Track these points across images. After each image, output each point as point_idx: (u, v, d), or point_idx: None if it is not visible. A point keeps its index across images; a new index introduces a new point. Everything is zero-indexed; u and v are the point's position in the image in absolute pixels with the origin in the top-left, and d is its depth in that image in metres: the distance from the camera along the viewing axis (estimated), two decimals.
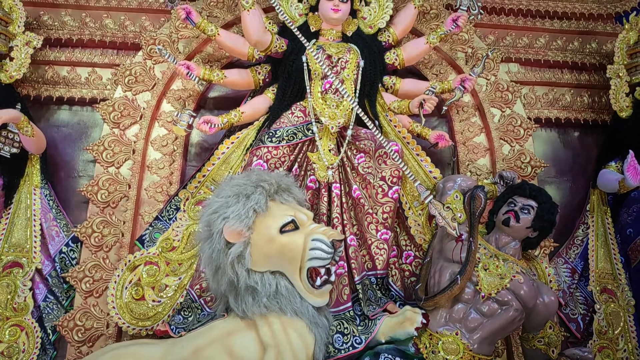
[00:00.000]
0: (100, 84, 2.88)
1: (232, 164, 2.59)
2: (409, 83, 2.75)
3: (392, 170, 2.36)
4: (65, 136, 2.86)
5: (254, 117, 2.65)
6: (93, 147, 2.68)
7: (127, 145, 2.71)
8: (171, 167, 2.73)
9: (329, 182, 2.39)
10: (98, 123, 2.88)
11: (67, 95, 2.84)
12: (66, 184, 2.77)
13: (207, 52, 2.89)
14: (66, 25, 2.96)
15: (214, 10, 2.88)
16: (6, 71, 2.61)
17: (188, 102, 2.82)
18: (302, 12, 2.70)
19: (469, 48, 2.89)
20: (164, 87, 2.81)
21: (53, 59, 2.87)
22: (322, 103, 2.45)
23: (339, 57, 2.51)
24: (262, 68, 2.73)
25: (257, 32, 2.45)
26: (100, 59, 2.92)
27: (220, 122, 2.52)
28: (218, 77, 2.64)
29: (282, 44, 2.57)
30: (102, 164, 2.67)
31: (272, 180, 2.10)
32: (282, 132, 2.45)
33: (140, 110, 2.76)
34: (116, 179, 2.65)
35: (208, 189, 2.60)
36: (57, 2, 2.99)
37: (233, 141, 2.63)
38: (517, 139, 2.77)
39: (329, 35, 2.62)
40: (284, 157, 2.43)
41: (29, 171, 2.63)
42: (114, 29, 2.97)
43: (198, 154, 2.86)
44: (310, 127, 2.47)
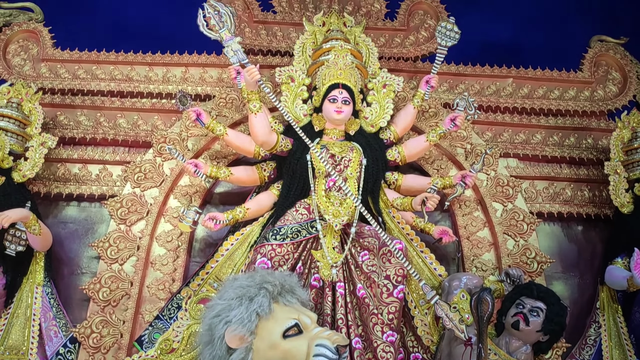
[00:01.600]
0: (110, 181, 2.96)
1: (236, 261, 2.59)
2: (411, 179, 2.81)
3: (397, 269, 2.34)
4: (72, 232, 2.89)
5: (258, 214, 2.69)
6: (98, 243, 2.70)
7: (132, 241, 2.73)
8: (175, 263, 2.72)
9: (333, 281, 2.37)
10: (105, 219, 2.92)
11: (77, 192, 2.91)
12: (69, 281, 2.76)
13: (214, 149, 3.00)
14: (81, 124, 3.11)
15: (222, 110, 3.02)
16: (20, 170, 2.70)
17: (195, 198, 2.88)
18: (307, 113, 2.82)
19: (468, 144, 2.98)
20: (171, 183, 2.88)
21: (66, 156, 2.98)
22: (326, 201, 2.49)
23: (342, 156, 2.59)
24: (267, 165, 2.82)
25: (263, 134, 2.56)
26: (112, 156, 3.02)
27: (225, 219, 2.55)
28: (225, 174, 2.72)
29: (288, 144, 2.67)
30: (106, 260, 2.67)
31: (276, 282, 2.08)
32: (287, 229, 2.47)
33: (147, 206, 2.81)
34: (119, 276, 2.64)
35: (211, 287, 2.57)
36: (74, 103, 3.16)
37: (237, 237, 2.64)
38: (520, 233, 2.77)
39: (332, 134, 2.72)
40: (287, 254, 2.43)
41: (32, 269, 2.63)
42: (126, 128, 3.11)
43: (202, 250, 2.87)
44: (314, 224, 2.49)
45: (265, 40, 3.37)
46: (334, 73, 2.70)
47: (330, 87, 2.67)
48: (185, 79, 3.29)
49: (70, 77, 3.25)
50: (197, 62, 3.32)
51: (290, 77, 2.87)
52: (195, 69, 3.32)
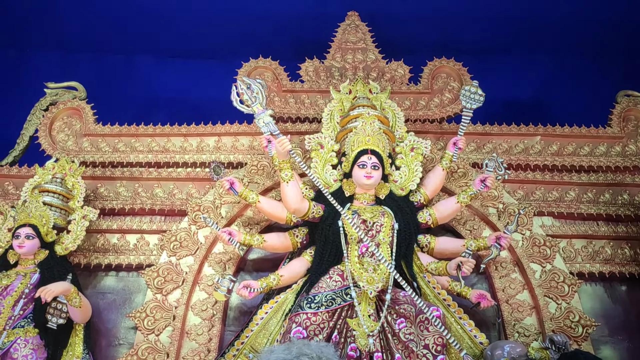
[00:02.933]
0: (147, 250, 3.03)
1: (271, 330, 2.58)
2: (444, 241, 2.79)
3: (436, 338, 2.29)
4: (110, 303, 2.93)
5: (292, 280, 2.70)
6: (135, 314, 2.73)
7: (168, 311, 2.75)
8: (210, 332, 2.72)
9: (370, 351, 2.32)
10: (142, 288, 2.97)
11: (116, 262, 2.98)
12: (106, 353, 2.77)
13: (247, 216, 3.06)
14: (120, 195, 3.23)
15: (254, 177, 3.11)
16: (62, 243, 2.81)
17: (228, 265, 2.91)
18: (337, 178, 2.87)
19: (500, 204, 2.97)
20: (206, 251, 2.93)
21: (105, 227, 3.08)
22: (360, 267, 2.49)
23: (374, 221, 2.60)
24: (299, 231, 2.85)
25: (295, 202, 2.62)
26: (149, 225, 3.11)
27: (259, 287, 2.57)
28: (258, 241, 2.76)
29: (319, 210, 2.71)
30: (143, 331, 2.69)
31: (313, 354, 2.05)
32: (321, 297, 2.46)
33: (182, 274, 2.85)
34: (155, 347, 2.65)
35: (246, 357, 2.55)
36: (114, 175, 3.31)
37: (272, 306, 2.64)
38: (562, 295, 2.68)
39: (363, 199, 2.76)
40: (323, 323, 2.40)
41: (72, 341, 2.66)
42: (163, 197, 3.22)
43: (237, 318, 2.86)
44: (348, 291, 2.48)
45: (294, 108, 3.50)
46: (363, 139, 2.78)
47: (359, 153, 2.74)
48: (218, 147, 3.42)
49: (110, 150, 3.42)
50: (229, 132, 3.46)
51: (320, 144, 2.96)
52: (227, 138, 3.45)
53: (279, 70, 3.62)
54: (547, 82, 4.44)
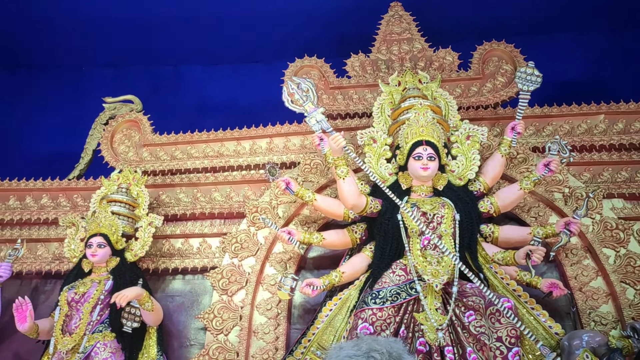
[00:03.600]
0: (210, 253, 3.12)
1: (337, 326, 2.58)
2: (509, 230, 2.71)
3: (509, 330, 2.22)
4: (179, 305, 3.04)
5: (354, 277, 2.69)
6: (204, 315, 2.81)
7: (235, 311, 2.81)
8: (276, 331, 2.76)
9: (440, 345, 2.28)
10: (208, 290, 3.05)
11: (182, 266, 3.08)
12: (179, 354, 2.87)
13: (304, 215, 3.08)
14: (181, 201, 3.34)
15: (308, 176, 3.13)
16: (131, 250, 2.93)
17: (289, 264, 2.95)
18: (392, 171, 2.85)
19: (566, 188, 2.84)
20: (266, 251, 2.98)
21: (169, 233, 3.19)
22: (423, 260, 2.45)
23: (434, 213, 2.56)
24: (358, 227, 2.84)
25: (352, 198, 2.61)
26: (210, 229, 3.19)
27: (322, 284, 2.58)
28: (317, 239, 2.77)
29: (377, 204, 2.69)
30: (212, 331, 2.77)
31: (383, 350, 2.02)
32: (385, 292, 2.44)
33: (245, 275, 2.91)
34: (225, 347, 2.72)
35: (314, 355, 2.57)
36: (174, 182, 3.41)
37: (336, 302, 2.65)
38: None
39: (420, 192, 2.71)
40: (389, 318, 2.39)
41: (146, 344, 2.77)
42: (221, 201, 3.29)
43: (301, 316, 2.89)
44: (413, 285, 2.45)
45: (343, 105, 3.50)
46: (416, 131, 2.73)
47: (413, 145, 2.69)
48: (271, 149, 3.47)
49: (168, 158, 3.54)
50: (280, 132, 3.49)
51: (372, 138, 2.93)
52: (279, 139, 3.49)
53: (324, 68, 3.62)
54: (602, 59, 4.22)
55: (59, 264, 3.15)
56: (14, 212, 3.38)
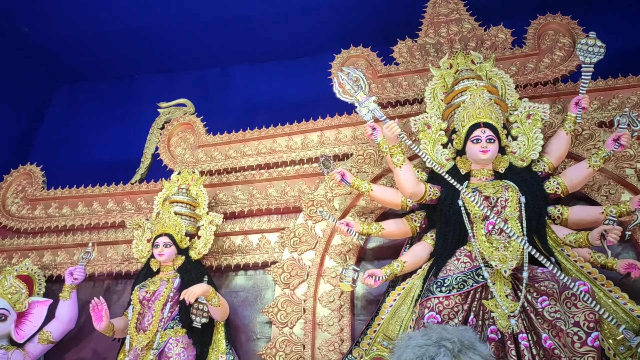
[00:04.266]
0: (269, 248, 3.16)
1: (402, 316, 2.55)
2: (578, 210, 2.57)
3: (587, 314, 2.11)
4: (243, 300, 3.10)
5: (416, 266, 2.65)
6: (268, 309, 2.85)
7: (298, 304, 2.84)
8: (340, 323, 2.77)
9: (513, 333, 2.21)
10: (270, 284, 3.10)
11: (243, 262, 3.13)
12: (247, 347, 2.93)
13: (360, 206, 3.06)
14: (238, 199, 3.40)
15: (362, 166, 3.10)
16: (195, 249, 3.01)
17: (349, 256, 2.94)
18: (449, 157, 2.78)
19: (638, 163, 2.67)
20: (325, 244, 2.99)
21: (229, 230, 3.26)
22: (489, 246, 2.37)
23: (497, 197, 2.47)
24: (417, 215, 2.79)
25: (411, 186, 2.57)
26: (268, 225, 3.23)
27: (384, 275, 2.55)
28: (376, 229, 2.74)
29: (436, 191, 2.63)
30: (277, 325, 2.81)
31: (454, 338, 1.99)
32: (451, 280, 2.39)
33: (306, 269, 2.93)
34: (291, 340, 2.75)
35: (381, 345, 2.56)
36: (230, 181, 3.48)
37: (399, 292, 2.62)
38: None
39: (480, 176, 2.63)
40: (456, 306, 2.33)
41: (215, 338, 2.85)
42: (277, 197, 3.33)
43: (364, 307, 2.88)
44: (480, 272, 2.37)
45: (392, 92, 3.44)
46: (473, 113, 2.64)
47: (471, 127, 2.61)
48: (322, 142, 3.47)
49: (223, 157, 3.62)
50: (330, 125, 3.49)
51: (426, 124, 2.87)
52: (330, 132, 3.48)
53: (371, 57, 3.57)
54: None
55: (128, 264, 3.29)
56: (83, 217, 3.56)
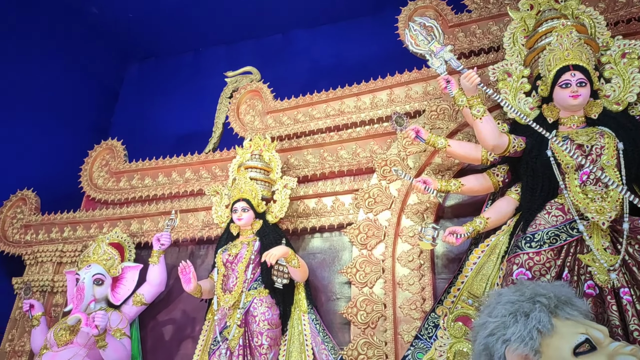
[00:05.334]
0: (344, 210, 3.15)
1: (488, 274, 2.47)
2: None
3: None
4: (320, 262, 3.13)
5: (499, 222, 2.53)
6: (347, 269, 2.86)
7: (376, 264, 2.83)
8: (421, 282, 2.73)
9: (615, 287, 2.06)
10: (347, 246, 3.10)
11: (318, 225, 3.15)
12: (327, 307, 2.98)
13: (436, 163, 2.96)
14: (309, 163, 3.40)
15: (436, 122, 2.98)
16: (272, 212, 3.06)
17: (426, 215, 2.87)
18: (534, 106, 2.60)
19: None
20: (401, 203, 2.93)
21: (303, 194, 3.27)
22: (584, 197, 2.21)
23: (591, 145, 2.28)
24: (499, 169, 2.65)
25: (493, 138, 2.42)
26: (341, 187, 3.21)
27: (466, 232, 2.46)
28: (455, 186, 2.64)
29: (521, 142, 2.47)
30: (357, 285, 2.81)
31: (550, 294, 1.89)
32: (542, 235, 2.26)
33: (382, 229, 2.90)
34: (371, 299, 2.75)
35: (465, 303, 2.50)
36: (301, 145, 3.48)
37: (483, 250, 2.53)
38: None
39: (570, 123, 2.44)
40: (548, 262, 2.21)
41: (296, 299, 2.91)
42: (348, 159, 3.29)
43: (446, 266, 2.81)
44: (574, 225, 2.22)
45: (465, 42, 3.25)
46: (560, 55, 2.43)
47: (559, 71, 2.41)
48: (392, 100, 3.37)
49: (292, 122, 3.61)
50: (400, 82, 3.37)
51: (507, 72, 2.69)
52: (399, 89, 3.37)
53: (441, 6, 3.38)
54: None
55: (208, 230, 3.41)
56: (164, 187, 3.72)
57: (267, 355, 2.70)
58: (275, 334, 2.77)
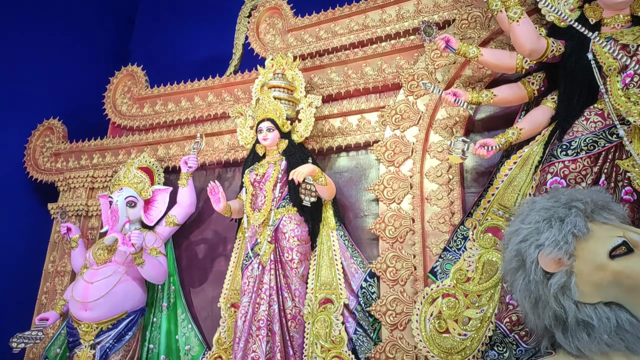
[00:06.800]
0: (370, 128, 3.09)
1: (520, 185, 2.42)
2: None
3: None
4: (347, 180, 3.12)
5: (533, 132, 2.45)
6: (374, 187, 2.85)
7: (404, 180, 2.80)
8: (450, 196, 2.70)
9: None
10: (373, 164, 3.07)
11: (344, 144, 3.11)
12: (355, 224, 3.00)
13: (466, 75, 2.84)
14: (333, 81, 3.30)
15: (467, 32, 2.82)
16: (297, 132, 3.02)
17: (456, 129, 2.79)
18: (573, 6, 2.41)
19: None
20: (429, 119, 2.85)
21: (327, 113, 3.21)
22: (626, 101, 2.09)
23: (637, 44, 2.13)
24: (534, 77, 2.52)
25: (531, 41, 2.27)
26: (367, 104, 3.13)
27: (497, 144, 2.39)
28: (487, 97, 2.53)
29: (559, 46, 2.32)
30: (384, 201, 2.81)
31: (587, 199, 1.85)
32: (579, 142, 2.18)
33: (410, 145, 2.84)
34: (400, 214, 2.76)
35: (495, 215, 2.48)
36: (324, 63, 3.37)
37: (515, 161, 2.47)
38: None
39: (614, 23, 2.26)
40: (584, 170, 2.15)
41: (324, 216, 2.94)
42: (374, 75, 3.18)
43: (475, 180, 2.77)
44: (613, 131, 2.13)
45: None
46: None
47: None
48: (419, 10, 3.18)
49: (314, 40, 3.47)
50: None
51: None
52: None
53: None
54: None
55: (234, 153, 3.42)
56: (187, 111, 3.69)
57: (298, 270, 2.78)
58: (305, 249, 2.83)
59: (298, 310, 2.75)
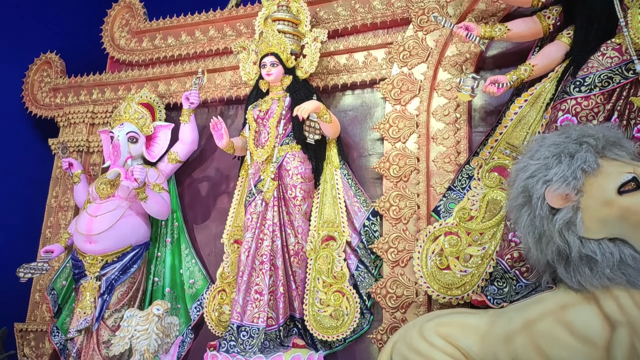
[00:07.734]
0: (376, 65, 2.99)
1: (529, 123, 2.38)
2: None
3: None
4: (352, 119, 3.07)
5: (547, 69, 2.37)
6: (379, 125, 2.81)
7: (410, 119, 2.75)
8: (456, 135, 2.66)
9: None
10: (379, 102, 3.01)
11: (350, 81, 3.03)
12: (359, 163, 2.98)
13: (479, 9, 2.72)
14: (339, 16, 3.17)
15: None
16: (301, 68, 2.93)
17: (465, 66, 2.71)
18: None
19: None
20: (438, 55, 2.76)
21: (333, 49, 3.09)
22: None
23: None
24: (550, 11, 2.41)
25: None
26: (374, 40, 3.02)
27: (509, 81, 2.33)
28: (501, 31, 2.43)
29: None
30: (390, 140, 2.77)
31: (599, 135, 1.81)
32: (593, 78, 2.11)
33: (418, 83, 2.77)
34: (404, 154, 2.72)
35: (502, 154, 2.45)
36: None
37: (526, 99, 2.41)
38: None
39: None
40: (597, 107, 2.09)
41: (328, 154, 2.91)
42: (382, 9, 3.05)
43: (483, 119, 2.72)
44: (630, 66, 2.06)
45: None
46: None
47: None
48: None
49: None
50: None
51: None
52: None
53: None
54: None
55: (236, 90, 3.33)
56: (188, 46, 3.57)
57: (301, 207, 2.78)
58: (308, 187, 2.82)
59: (301, 247, 2.78)
